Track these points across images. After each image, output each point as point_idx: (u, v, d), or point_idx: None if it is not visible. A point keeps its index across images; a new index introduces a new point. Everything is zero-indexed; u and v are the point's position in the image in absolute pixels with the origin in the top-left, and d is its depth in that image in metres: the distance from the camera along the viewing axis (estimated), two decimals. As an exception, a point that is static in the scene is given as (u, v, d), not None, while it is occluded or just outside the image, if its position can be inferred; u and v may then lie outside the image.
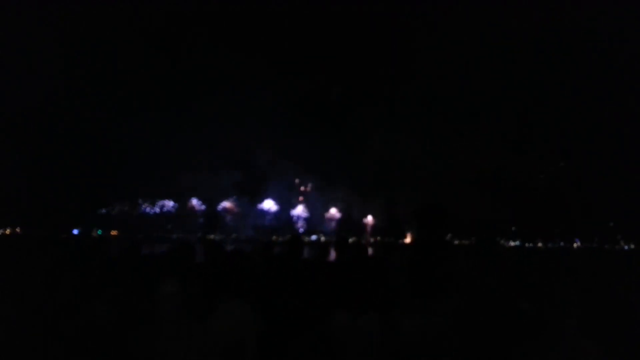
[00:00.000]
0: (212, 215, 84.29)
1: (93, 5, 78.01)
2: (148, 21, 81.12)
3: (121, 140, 74.71)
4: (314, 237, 79.04)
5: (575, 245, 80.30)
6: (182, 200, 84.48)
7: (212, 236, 77.84)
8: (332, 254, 4.86)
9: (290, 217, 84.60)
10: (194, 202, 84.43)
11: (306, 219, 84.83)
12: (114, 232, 76.47)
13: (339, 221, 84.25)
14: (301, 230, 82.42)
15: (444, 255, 2.84)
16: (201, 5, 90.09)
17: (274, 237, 70.36)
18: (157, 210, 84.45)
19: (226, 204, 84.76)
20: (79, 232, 76.35)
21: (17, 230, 76.31)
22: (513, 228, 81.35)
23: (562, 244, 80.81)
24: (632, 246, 76.34)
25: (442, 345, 2.52)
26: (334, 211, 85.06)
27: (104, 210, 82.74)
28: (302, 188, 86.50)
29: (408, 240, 71.94)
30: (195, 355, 2.67)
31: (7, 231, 75.70)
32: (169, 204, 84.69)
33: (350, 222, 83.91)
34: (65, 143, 76.64)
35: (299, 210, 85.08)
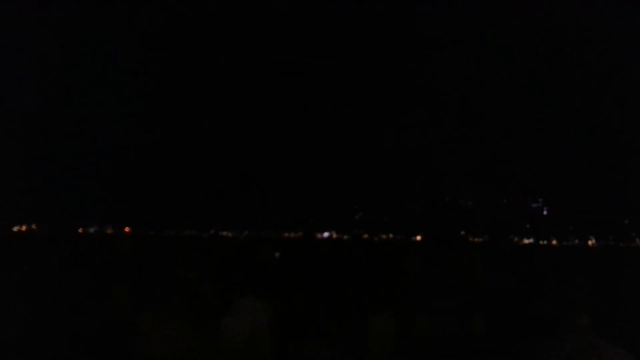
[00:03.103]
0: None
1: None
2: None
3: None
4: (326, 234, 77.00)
5: (590, 242, 79.13)
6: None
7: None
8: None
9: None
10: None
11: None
12: (127, 229, 76.87)
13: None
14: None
15: (458, 252, 2.75)
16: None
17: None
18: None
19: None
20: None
21: (33, 227, 77.23)
22: (527, 225, 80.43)
23: (576, 241, 79.68)
24: (648, 244, 75.12)
25: (455, 342, 2.47)
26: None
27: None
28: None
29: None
30: (211, 351, 2.63)
31: (23, 227, 76.61)
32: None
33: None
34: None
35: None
